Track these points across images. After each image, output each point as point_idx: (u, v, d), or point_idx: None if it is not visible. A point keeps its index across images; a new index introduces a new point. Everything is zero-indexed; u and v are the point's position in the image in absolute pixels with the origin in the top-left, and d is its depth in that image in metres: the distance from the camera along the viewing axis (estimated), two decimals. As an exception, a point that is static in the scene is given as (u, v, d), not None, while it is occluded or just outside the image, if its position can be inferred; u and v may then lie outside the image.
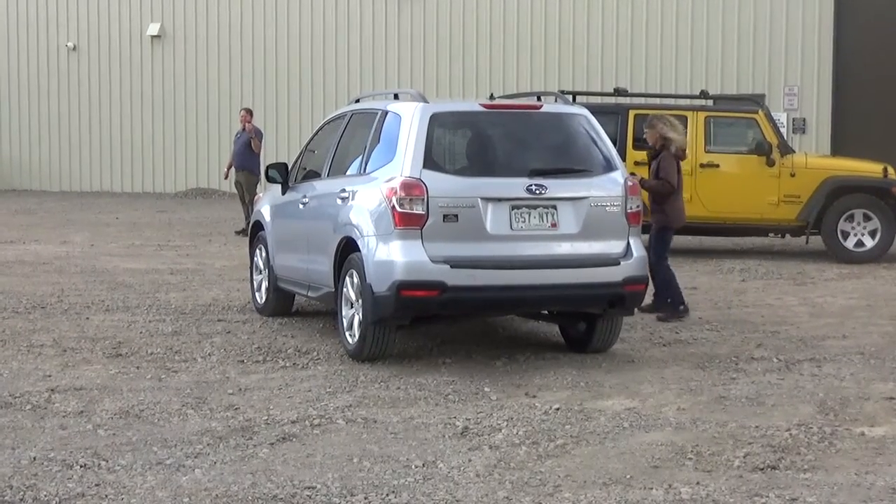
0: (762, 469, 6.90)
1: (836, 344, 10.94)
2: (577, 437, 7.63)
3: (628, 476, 6.76)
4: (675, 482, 6.62)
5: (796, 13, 28.79)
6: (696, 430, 7.81)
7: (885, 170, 18.18)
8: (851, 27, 28.75)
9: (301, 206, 11.36)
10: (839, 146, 27.97)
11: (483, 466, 6.95)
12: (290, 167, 12.06)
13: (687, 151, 18.03)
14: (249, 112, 22.88)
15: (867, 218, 17.81)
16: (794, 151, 18.91)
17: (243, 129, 22.31)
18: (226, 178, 23.38)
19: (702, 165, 18.20)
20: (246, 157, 22.12)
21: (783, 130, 23.89)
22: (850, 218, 17.81)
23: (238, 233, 21.82)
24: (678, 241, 19.22)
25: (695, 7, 29.63)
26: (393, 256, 9.48)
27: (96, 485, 6.54)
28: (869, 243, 17.80)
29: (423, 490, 6.50)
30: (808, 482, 6.64)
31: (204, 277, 15.54)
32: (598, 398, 8.74)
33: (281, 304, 12.29)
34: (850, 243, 17.82)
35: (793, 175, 17.97)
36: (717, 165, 18.23)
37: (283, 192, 11.93)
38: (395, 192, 9.51)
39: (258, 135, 22.41)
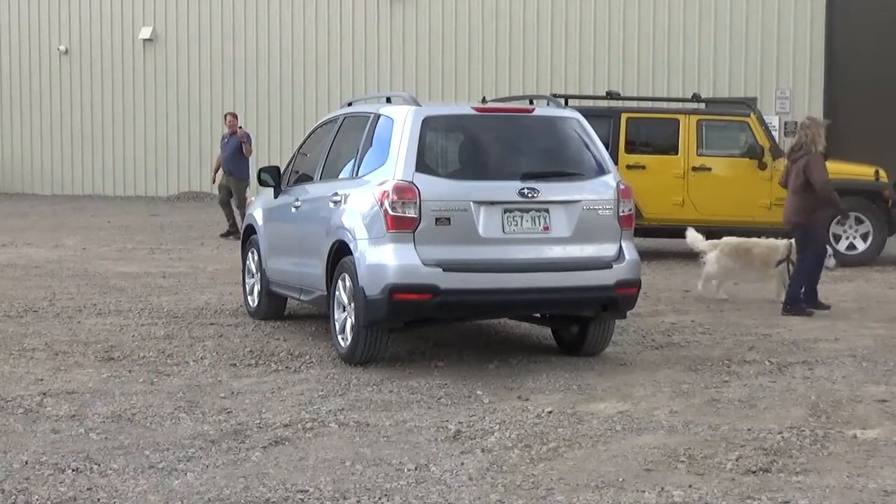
0: (754, 472, 6.90)
1: (828, 346, 10.95)
2: (570, 440, 7.63)
3: (621, 479, 6.77)
4: (668, 485, 6.63)
5: (788, 17, 28.83)
6: (688, 432, 7.82)
7: (877, 173, 18.23)
8: (843, 31, 28.79)
9: (293, 209, 11.36)
10: (831, 149, 27.94)
11: (475, 470, 6.95)
12: (282, 171, 12.07)
13: (679, 154, 18.17)
14: (235, 116, 22.87)
15: (859, 221, 17.87)
16: (785, 154, 18.93)
17: (231, 134, 22.26)
18: (213, 182, 23.25)
19: (694, 169, 18.23)
20: (236, 161, 22.07)
21: (775, 134, 23.88)
22: (842, 221, 17.85)
23: (223, 235, 21.80)
24: (670, 244, 19.28)
25: (686, 11, 29.65)
26: (385, 260, 9.48)
27: (88, 489, 6.53)
28: (861, 246, 17.87)
29: (416, 493, 6.50)
30: (800, 485, 6.65)
31: (196, 281, 15.52)
32: (590, 401, 8.74)
33: (273, 307, 12.29)
34: (842, 246, 17.87)
35: (785, 178, 17.98)
36: (710, 169, 18.27)
37: (276, 196, 11.93)
38: (388, 196, 9.51)
39: (249, 139, 22.39)
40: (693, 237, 14.64)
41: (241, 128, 22.72)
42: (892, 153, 24.04)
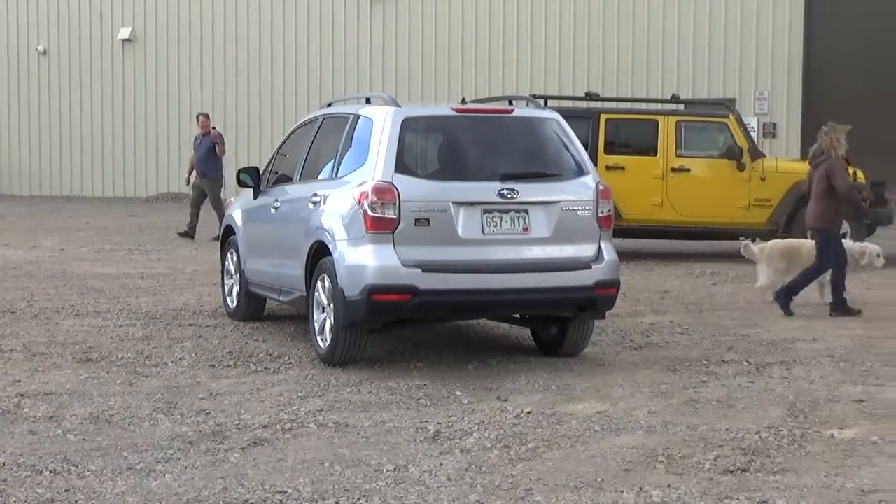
0: (732, 472, 6.92)
1: (806, 347, 10.99)
2: (549, 440, 7.63)
3: (599, 479, 6.78)
4: (646, 485, 6.64)
5: (766, 19, 28.93)
6: (666, 433, 7.83)
7: (855, 174, 18.27)
8: (821, 33, 28.92)
9: (273, 210, 11.35)
10: (808, 151, 28.09)
11: (454, 470, 6.95)
12: (261, 171, 12.05)
13: (658, 155, 18.22)
14: (207, 116, 22.79)
15: (837, 222, 17.90)
16: (764, 156, 19.03)
17: (204, 134, 22.16)
18: (188, 183, 23.11)
19: (673, 170, 18.28)
20: (209, 162, 21.98)
21: (754, 135, 23.99)
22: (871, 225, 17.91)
23: (181, 234, 21.75)
24: (649, 244, 19.34)
25: (666, 12, 29.74)
26: (364, 261, 9.48)
27: (66, 490, 6.51)
28: (839, 247, 17.90)
29: (395, 494, 6.49)
30: (777, 484, 6.67)
31: (175, 282, 15.49)
32: (569, 402, 8.75)
33: (252, 308, 12.27)
34: (819, 247, 17.91)
35: (763, 179, 18.08)
36: (689, 170, 18.32)
37: (255, 197, 11.91)
38: (367, 197, 9.50)
39: (222, 139, 22.31)
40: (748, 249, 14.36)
41: (213, 128, 22.65)
42: (870, 155, 24.11)
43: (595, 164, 11.53)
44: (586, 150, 10.63)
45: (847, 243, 13.61)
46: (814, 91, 28.98)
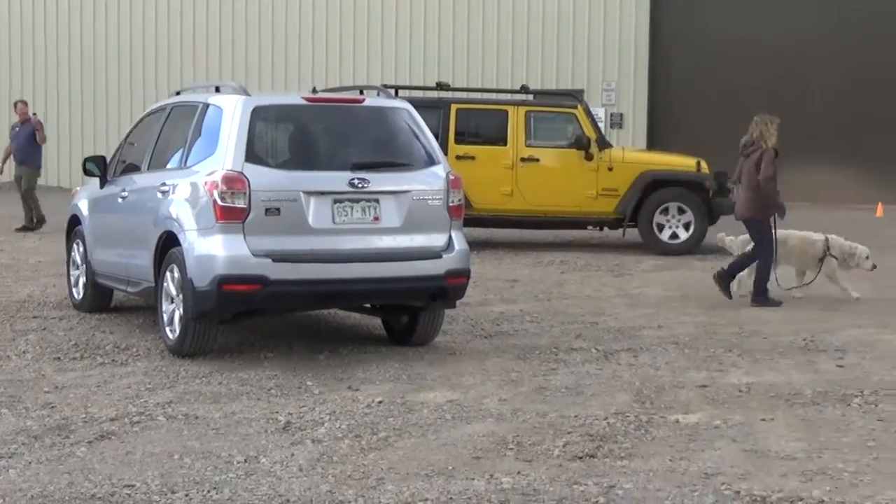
0: (581, 457, 7.02)
1: (652, 334, 11.20)
2: (400, 429, 7.66)
3: (451, 467, 6.82)
4: (497, 472, 6.70)
5: (614, 11, 29.38)
6: (516, 420, 7.92)
7: (699, 164, 18.70)
8: (667, 25, 29.48)
9: (120, 199, 11.17)
10: (655, 141, 28.64)
11: (306, 461, 6.94)
12: (108, 161, 11.86)
13: (508, 145, 18.37)
14: (26, 103, 22.24)
15: (681, 211, 18.31)
16: (611, 146, 19.30)
17: (23, 122, 21.61)
18: (0, 172, 22.35)
19: (522, 159, 18.45)
20: (29, 150, 21.45)
21: (601, 125, 24.31)
22: (665, 211, 18.29)
23: (18, 230, 21.14)
24: (500, 233, 19.49)
25: (516, 4, 29.99)
26: (214, 251, 9.39)
27: None
28: (683, 235, 18.31)
29: (246, 486, 6.46)
30: (624, 469, 6.79)
31: (18, 273, 15.15)
32: (420, 390, 8.79)
33: (99, 299, 12.07)
34: (665, 235, 18.30)
35: (610, 169, 18.34)
36: (538, 160, 18.50)
37: (102, 186, 11.71)
38: (217, 186, 9.42)
39: (42, 126, 21.80)
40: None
41: (34, 115, 22.12)
42: (713, 145, 24.66)
43: (445, 153, 11.58)
44: (437, 140, 10.68)
45: (838, 241, 13.53)
46: (659, 83, 29.53)
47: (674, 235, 18.33)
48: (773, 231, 13.10)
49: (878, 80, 28.03)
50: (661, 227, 18.31)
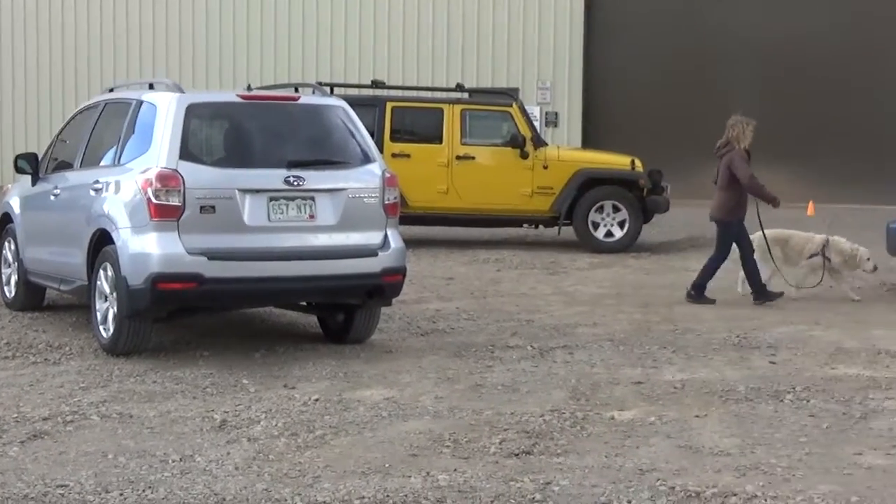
0: (517, 454, 7.05)
1: (587, 331, 11.26)
2: (337, 427, 7.65)
3: (387, 465, 6.82)
4: (433, 469, 6.71)
5: (549, 11, 29.50)
6: (453, 417, 7.93)
7: (633, 162, 18.81)
8: (601, 25, 29.65)
9: (52, 197, 11.07)
10: (589, 139, 28.80)
11: (242, 459, 6.91)
12: (40, 158, 11.74)
13: (444, 143, 18.40)
14: None
15: (616, 209, 18.40)
16: (546, 144, 19.38)
17: None
18: None
19: (458, 158, 18.48)
20: None
21: (536, 124, 24.41)
22: (601, 209, 18.38)
23: None
24: (435, 231, 19.51)
25: (451, 3, 30.02)
26: (148, 249, 9.33)
27: None
28: (618, 233, 18.40)
29: (181, 485, 6.42)
30: (560, 466, 6.82)
31: (-51, 271, 14.96)
32: (356, 388, 8.78)
33: (31, 298, 11.95)
34: (600, 233, 18.39)
35: (545, 167, 18.41)
36: (473, 158, 18.54)
37: (34, 184, 11.60)
38: (151, 184, 9.36)
39: None
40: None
41: None
42: (647, 144, 24.87)
43: (381, 151, 11.57)
44: (372, 138, 10.69)
45: (839, 243, 13.50)
46: (594, 82, 29.69)
47: (609, 233, 18.42)
48: (743, 232, 13.05)
49: (807, 81, 28.36)
50: (596, 226, 18.39)
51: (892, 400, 8.54)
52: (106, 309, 9.83)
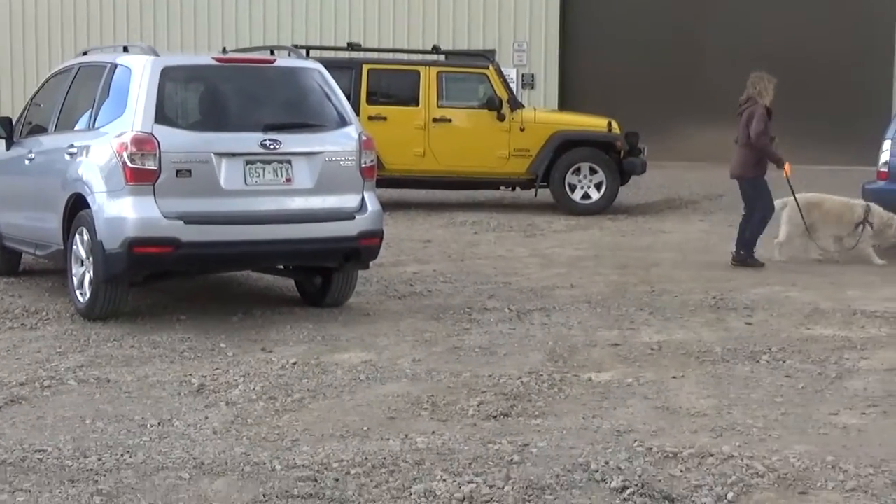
0: (495, 417, 7.08)
1: (564, 293, 11.28)
2: (315, 390, 7.66)
3: (365, 428, 6.84)
4: (412, 432, 6.73)
5: (524, -29, 29.38)
6: (431, 380, 7.95)
7: (610, 124, 18.79)
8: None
9: (27, 161, 11.00)
10: (566, 101, 28.75)
11: (220, 423, 6.92)
12: (14, 122, 11.66)
13: (420, 105, 18.36)
14: None
15: (593, 171, 18.39)
16: (523, 106, 19.35)
17: None
18: None
19: (434, 120, 18.44)
20: None
21: (513, 86, 24.33)
22: (577, 171, 18.36)
23: None
24: (412, 194, 19.49)
25: (427, -36, 29.87)
26: (124, 213, 9.30)
27: None
28: (595, 195, 18.40)
29: (159, 449, 6.42)
30: (538, 428, 6.85)
31: (-77, 237, 14.88)
32: (334, 351, 8.79)
33: (7, 263, 11.91)
34: (577, 196, 18.38)
35: (522, 129, 18.38)
36: (450, 120, 18.50)
37: (8, 148, 11.52)
38: (126, 148, 9.32)
39: None
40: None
41: None
42: (623, 106, 24.81)
43: (357, 114, 11.53)
44: (349, 101, 10.66)
45: (878, 210, 13.32)
46: (571, 43, 29.61)
47: (586, 196, 18.41)
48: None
49: (784, 42, 28.33)
50: (573, 188, 18.38)
51: (867, 360, 8.61)
52: (82, 274, 9.80)
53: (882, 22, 27.42)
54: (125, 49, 10.60)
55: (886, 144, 14.17)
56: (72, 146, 10.07)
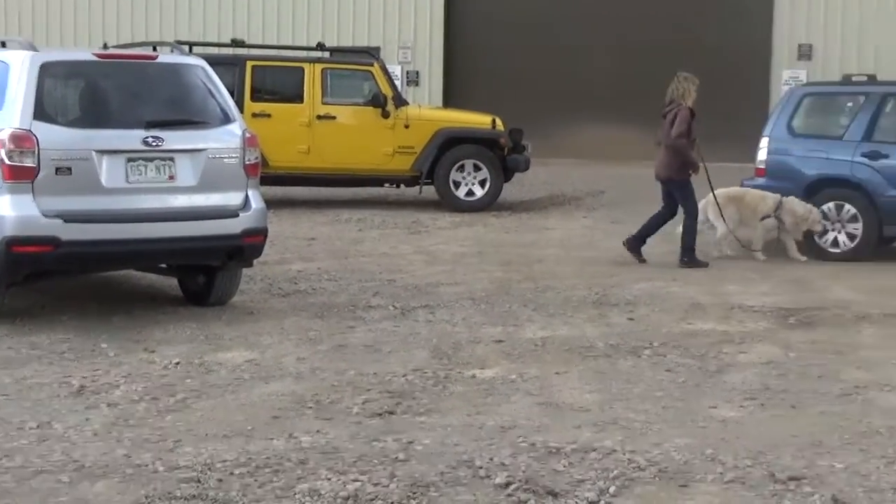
0: (380, 414, 7.08)
1: (449, 290, 11.33)
2: (198, 390, 7.60)
3: (249, 427, 6.80)
4: (296, 431, 6.71)
5: (409, -32, 29.44)
6: (315, 379, 7.93)
7: (494, 121, 18.90)
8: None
9: None
10: (451, 99, 28.85)
11: (101, 425, 6.83)
12: None
13: (305, 102, 18.30)
14: None
15: (477, 168, 18.49)
16: (408, 103, 19.38)
17: None
18: None
19: (319, 117, 18.40)
20: None
21: (398, 83, 24.36)
22: (462, 168, 18.45)
23: None
24: (297, 192, 19.41)
25: (312, -40, 29.77)
26: (2, 211, 9.13)
27: None
28: (479, 192, 18.50)
29: (39, 452, 6.32)
30: (423, 425, 6.87)
31: None
32: (218, 351, 8.72)
33: None
34: (461, 192, 18.47)
35: (407, 126, 18.42)
36: (335, 117, 18.48)
37: None
38: (4, 145, 9.15)
39: None
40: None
41: None
42: (507, 103, 24.96)
43: (241, 111, 11.48)
44: (233, 98, 10.59)
45: (792, 203, 13.46)
46: (455, 41, 29.73)
47: (470, 192, 18.50)
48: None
49: (665, 41, 28.70)
50: (457, 185, 18.46)
51: (745, 354, 8.78)
52: (-41, 273, 9.60)
53: (760, 21, 27.96)
54: (3, 44, 10.40)
55: (764, 142, 14.45)
56: (-53, 143, 9.86)
